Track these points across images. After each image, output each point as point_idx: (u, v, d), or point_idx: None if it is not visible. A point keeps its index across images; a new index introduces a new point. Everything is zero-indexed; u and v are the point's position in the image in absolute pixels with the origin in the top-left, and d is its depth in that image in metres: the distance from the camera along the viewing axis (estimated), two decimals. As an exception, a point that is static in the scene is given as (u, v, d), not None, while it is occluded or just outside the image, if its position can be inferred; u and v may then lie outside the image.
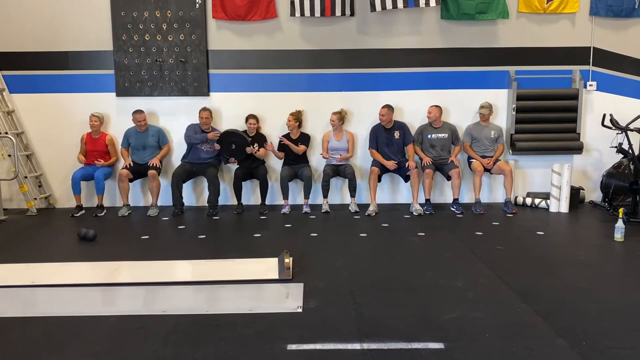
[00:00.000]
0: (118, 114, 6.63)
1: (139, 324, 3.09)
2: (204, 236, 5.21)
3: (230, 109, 6.66)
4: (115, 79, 6.54)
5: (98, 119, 6.39)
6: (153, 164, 6.28)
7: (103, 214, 6.27)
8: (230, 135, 6.27)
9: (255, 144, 6.43)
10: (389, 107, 6.33)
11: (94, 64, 6.54)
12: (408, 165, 6.22)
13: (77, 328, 3.05)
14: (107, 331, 3.01)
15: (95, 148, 6.42)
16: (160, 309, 3.33)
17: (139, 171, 6.37)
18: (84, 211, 6.33)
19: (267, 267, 4.09)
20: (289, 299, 3.47)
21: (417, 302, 3.39)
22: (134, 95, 6.57)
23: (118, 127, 6.61)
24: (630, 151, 5.92)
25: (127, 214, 6.23)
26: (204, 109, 6.34)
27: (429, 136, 6.44)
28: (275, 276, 3.88)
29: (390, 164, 6.29)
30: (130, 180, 6.35)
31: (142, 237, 5.18)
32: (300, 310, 3.27)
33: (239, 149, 6.27)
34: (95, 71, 6.55)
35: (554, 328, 2.96)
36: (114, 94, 6.59)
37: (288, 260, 4.01)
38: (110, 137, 6.54)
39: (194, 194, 6.81)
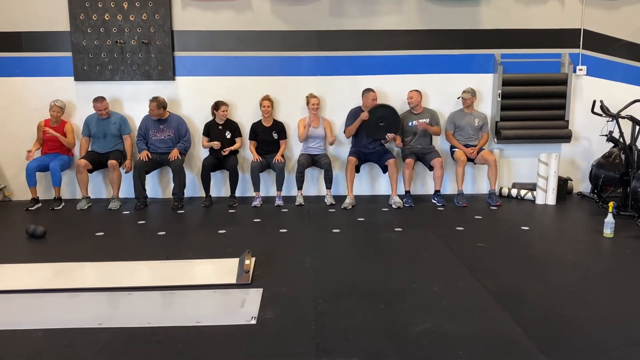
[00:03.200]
0: (77, 99, 6.17)
1: (68, 340, 2.71)
2: (164, 233, 4.82)
3: (197, 94, 6.22)
4: (73, 62, 6.07)
5: (60, 110, 5.94)
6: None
7: (60, 207, 5.85)
8: (375, 113, 5.82)
9: (227, 132, 6.04)
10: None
11: (49, 45, 6.06)
12: (388, 138, 5.87)
13: (-6, 346, 2.67)
14: (30, 349, 2.63)
15: (53, 137, 5.94)
16: (96, 320, 2.95)
17: (99, 161, 5.94)
18: (40, 204, 5.90)
19: (226, 269, 3.73)
20: (243, 308, 3.10)
21: (386, 311, 3.03)
22: (93, 80, 6.11)
23: (77, 113, 6.17)
24: (621, 140, 5.58)
25: (86, 207, 5.82)
26: (153, 100, 5.89)
27: (410, 123, 6.06)
28: (233, 280, 3.52)
29: (365, 114, 5.83)
30: (90, 171, 5.92)
31: (97, 234, 4.78)
32: (254, 322, 2.90)
33: (388, 123, 5.82)
34: (51, 53, 6.07)
35: (537, 343, 2.61)
36: (72, 78, 6.12)
37: (249, 262, 3.65)
38: (70, 126, 6.08)
39: (160, 186, 6.40)
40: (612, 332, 2.75)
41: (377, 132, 5.89)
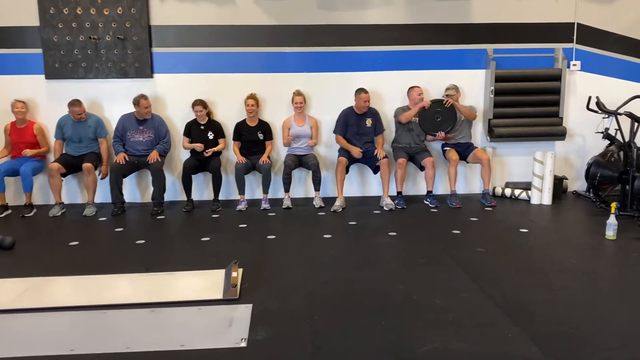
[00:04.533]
0: (48, 99, 5.80)
1: (35, 371, 2.41)
2: (143, 241, 4.50)
3: (177, 92, 5.89)
4: (43, 59, 5.70)
5: (24, 105, 5.57)
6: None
7: (32, 214, 5.50)
8: (436, 106, 5.65)
9: (210, 133, 5.73)
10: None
11: (17, 41, 5.68)
12: (377, 154, 5.61)
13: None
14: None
15: (21, 139, 5.61)
16: (68, 346, 2.64)
17: (73, 164, 5.59)
18: (9, 211, 5.55)
19: (211, 282, 3.45)
20: (232, 328, 2.82)
21: (388, 327, 2.78)
22: (66, 78, 5.75)
23: (48, 114, 5.79)
24: (618, 137, 5.42)
25: (59, 213, 5.47)
26: (144, 97, 5.57)
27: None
28: (219, 295, 3.23)
29: (356, 151, 5.65)
30: (63, 175, 5.57)
31: (71, 244, 4.44)
32: (244, 344, 2.62)
33: (445, 118, 5.65)
34: (19, 50, 5.70)
35: (555, 363, 2.39)
36: (43, 76, 5.75)
37: (236, 274, 3.38)
38: (39, 126, 5.72)
39: (138, 189, 6.07)
40: (633, 349, 2.53)
41: (431, 125, 5.72)
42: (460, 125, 5.87)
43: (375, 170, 5.77)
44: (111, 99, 5.86)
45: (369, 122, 5.74)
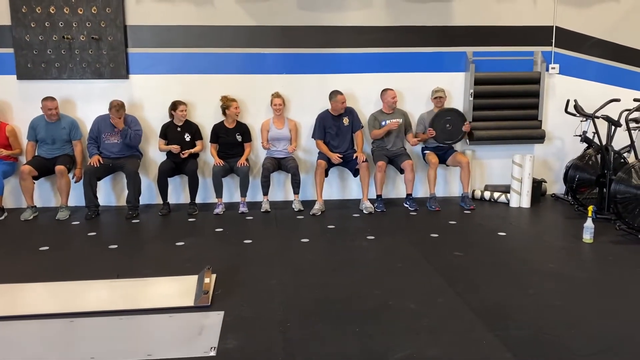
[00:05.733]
0: (21, 100, 5.66)
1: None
2: (116, 246, 4.39)
3: (153, 93, 5.78)
4: (15, 58, 5.55)
5: None
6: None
7: (3, 217, 5.35)
8: (445, 115, 5.63)
9: (187, 134, 5.64)
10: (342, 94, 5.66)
11: (-12, 41, 5.55)
12: (356, 157, 5.56)
13: None
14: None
15: (-7, 142, 5.46)
16: (32, 356, 2.55)
17: (45, 167, 5.45)
18: (-21, 215, 5.39)
19: (184, 288, 3.36)
20: (201, 336, 2.74)
21: (362, 334, 2.72)
22: (38, 78, 5.61)
23: (20, 115, 5.65)
24: (595, 140, 5.45)
25: (31, 217, 5.33)
26: (116, 107, 5.41)
27: (383, 122, 5.77)
28: (191, 302, 3.15)
29: (335, 157, 5.60)
30: (36, 178, 5.43)
31: (41, 249, 4.32)
32: (213, 353, 2.55)
33: (455, 127, 5.64)
34: (-10, 49, 5.56)
35: (529, 371, 2.36)
36: (15, 76, 5.60)
37: (208, 281, 3.30)
38: (11, 128, 5.58)
39: (113, 192, 5.94)
40: (607, 356, 2.51)
41: (446, 135, 5.76)
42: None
43: (355, 173, 5.73)
44: (86, 100, 5.74)
45: (346, 120, 5.69)
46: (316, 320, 2.92)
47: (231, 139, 5.72)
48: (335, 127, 5.69)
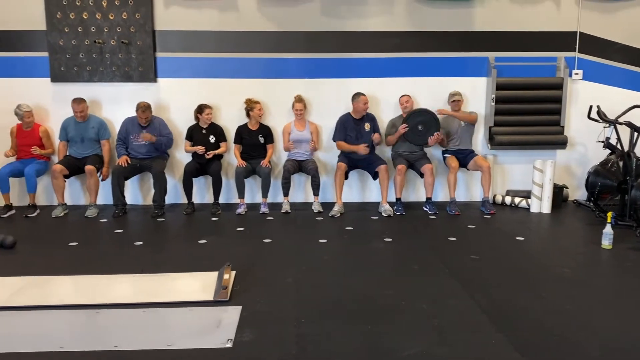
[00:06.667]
0: (54, 102, 5.90)
1: (23, 367, 2.47)
2: (141, 243, 4.56)
3: (179, 96, 5.97)
4: (49, 62, 5.80)
5: (30, 114, 5.65)
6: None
7: (35, 214, 5.59)
8: (412, 120, 5.67)
9: (212, 136, 5.80)
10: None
11: (25, 45, 5.78)
12: (373, 138, 5.68)
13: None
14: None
15: (27, 142, 5.68)
16: (58, 343, 2.70)
17: (76, 166, 5.67)
18: (13, 211, 5.63)
19: (204, 284, 3.49)
20: (219, 329, 2.86)
21: (373, 332, 2.80)
22: (71, 81, 5.84)
23: (54, 116, 5.89)
24: (618, 146, 5.40)
25: (62, 214, 5.55)
26: (142, 108, 5.61)
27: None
28: (210, 297, 3.28)
29: (362, 148, 5.63)
30: (67, 177, 5.66)
31: (70, 244, 4.52)
32: (230, 345, 2.66)
33: (427, 126, 5.68)
34: (26, 53, 5.80)
35: (535, 370, 2.40)
36: (49, 79, 5.85)
37: (228, 277, 3.42)
38: (44, 129, 5.82)
39: (140, 192, 6.14)
40: (616, 358, 2.53)
41: (419, 138, 5.74)
42: (458, 132, 5.88)
43: (375, 176, 5.79)
44: (115, 102, 5.95)
45: (367, 126, 5.76)
46: (329, 317, 3.01)
47: (254, 140, 5.86)
48: (356, 130, 5.76)
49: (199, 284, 3.51)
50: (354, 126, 5.77)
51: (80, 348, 2.66)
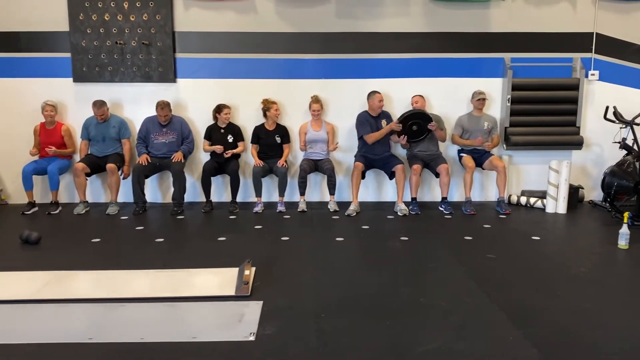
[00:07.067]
0: (76, 101, 6.04)
1: (56, 356, 2.56)
2: (162, 240, 4.66)
3: (198, 96, 6.07)
4: (71, 62, 5.94)
5: (53, 108, 5.80)
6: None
7: (57, 211, 5.72)
8: (412, 118, 5.71)
9: (230, 136, 5.89)
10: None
11: (48, 46, 5.94)
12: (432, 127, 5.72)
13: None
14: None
15: (49, 140, 5.83)
16: (87, 334, 2.79)
17: (97, 165, 5.80)
18: (36, 208, 5.78)
19: (225, 279, 3.57)
20: (241, 323, 2.93)
21: (392, 327, 2.86)
22: (92, 81, 5.98)
23: (76, 116, 6.03)
24: (635, 147, 5.41)
25: (83, 211, 5.68)
26: (161, 105, 5.74)
27: (415, 128, 5.87)
28: (232, 292, 3.36)
29: (394, 125, 5.66)
30: (88, 175, 5.79)
31: (93, 240, 4.63)
32: (252, 338, 2.74)
33: (420, 126, 5.72)
34: (49, 54, 5.95)
35: (553, 366, 2.45)
36: (71, 79, 5.99)
37: (248, 273, 3.50)
38: (66, 128, 5.96)
39: (160, 190, 6.26)
40: (632, 355, 2.57)
41: (417, 135, 5.78)
42: (484, 133, 5.94)
43: (391, 175, 5.85)
44: (135, 102, 6.07)
45: (384, 123, 5.82)
46: (348, 313, 3.07)
47: (271, 140, 5.94)
48: (375, 127, 5.81)
49: (220, 280, 3.59)
50: (373, 123, 5.82)
51: (108, 340, 2.74)
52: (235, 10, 5.95)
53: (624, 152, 5.66)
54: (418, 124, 5.70)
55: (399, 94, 6.11)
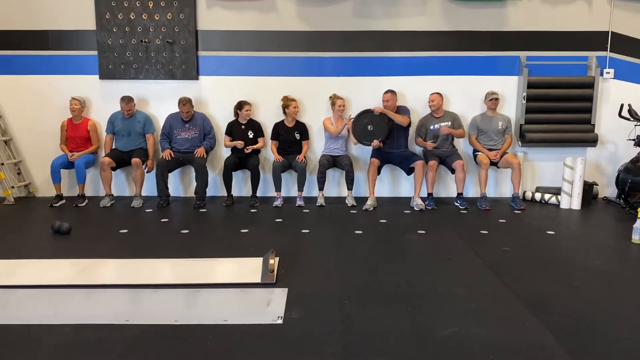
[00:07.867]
0: (101, 98, 6.24)
1: (96, 335, 2.73)
2: (187, 231, 4.83)
3: (220, 93, 6.24)
4: (98, 60, 6.14)
5: (79, 103, 6.00)
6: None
7: (84, 204, 5.91)
8: (364, 117, 5.87)
9: (250, 132, 6.05)
10: (392, 92, 5.88)
11: (75, 44, 6.14)
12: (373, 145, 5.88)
13: (24, 339, 2.69)
14: (58, 344, 2.64)
15: (76, 134, 6.04)
16: (123, 317, 2.96)
17: (122, 159, 5.99)
18: (64, 201, 5.98)
19: (250, 268, 3.73)
20: (269, 307, 3.09)
21: (413, 313, 3.00)
22: (118, 78, 6.17)
23: (101, 112, 6.23)
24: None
25: (109, 204, 5.87)
26: (182, 102, 5.91)
27: (432, 127, 6.01)
28: (258, 279, 3.51)
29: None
30: (113, 169, 5.98)
31: (121, 231, 4.81)
32: (280, 321, 2.89)
33: (378, 128, 5.85)
34: (77, 52, 6.15)
35: (569, 350, 2.56)
36: (97, 76, 6.19)
37: (273, 262, 3.65)
38: (92, 123, 6.15)
39: (182, 184, 6.44)
40: (646, 340, 2.69)
41: (364, 137, 5.90)
42: (496, 133, 6.03)
43: (410, 171, 5.96)
44: (159, 99, 6.25)
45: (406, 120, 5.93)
46: (370, 300, 3.21)
47: (290, 136, 6.09)
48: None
49: (245, 269, 3.74)
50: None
51: (144, 322, 2.91)
52: (256, 10, 6.10)
53: (638, 149, 5.73)
54: (369, 122, 5.84)
55: (415, 92, 6.23)
